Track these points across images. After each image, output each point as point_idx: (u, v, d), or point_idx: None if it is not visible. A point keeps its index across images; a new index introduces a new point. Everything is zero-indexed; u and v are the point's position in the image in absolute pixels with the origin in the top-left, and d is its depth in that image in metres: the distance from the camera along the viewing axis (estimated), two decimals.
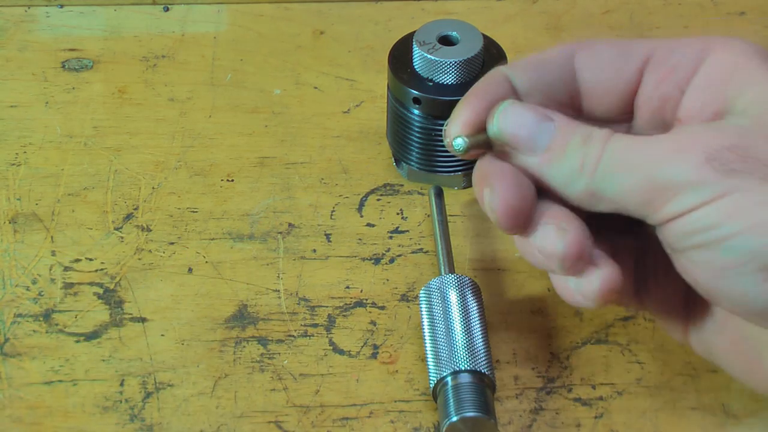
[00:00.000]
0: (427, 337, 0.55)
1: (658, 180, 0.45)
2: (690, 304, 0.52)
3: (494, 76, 0.52)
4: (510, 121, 0.49)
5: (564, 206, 0.49)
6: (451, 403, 0.52)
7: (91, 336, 0.58)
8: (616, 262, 0.49)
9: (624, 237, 0.53)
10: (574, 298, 0.49)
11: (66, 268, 0.61)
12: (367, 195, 0.66)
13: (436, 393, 0.54)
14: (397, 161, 0.66)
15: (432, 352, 0.55)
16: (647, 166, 0.46)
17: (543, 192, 0.50)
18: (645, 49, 0.51)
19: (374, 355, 0.57)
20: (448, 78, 0.62)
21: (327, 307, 0.59)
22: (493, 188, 0.49)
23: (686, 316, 0.52)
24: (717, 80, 0.49)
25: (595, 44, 0.52)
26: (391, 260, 0.62)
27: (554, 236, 0.48)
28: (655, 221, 0.47)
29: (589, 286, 0.48)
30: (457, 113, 0.51)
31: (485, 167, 0.50)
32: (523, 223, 0.49)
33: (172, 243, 0.63)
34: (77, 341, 0.58)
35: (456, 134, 0.50)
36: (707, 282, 0.46)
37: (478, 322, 0.55)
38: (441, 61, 0.61)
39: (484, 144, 0.50)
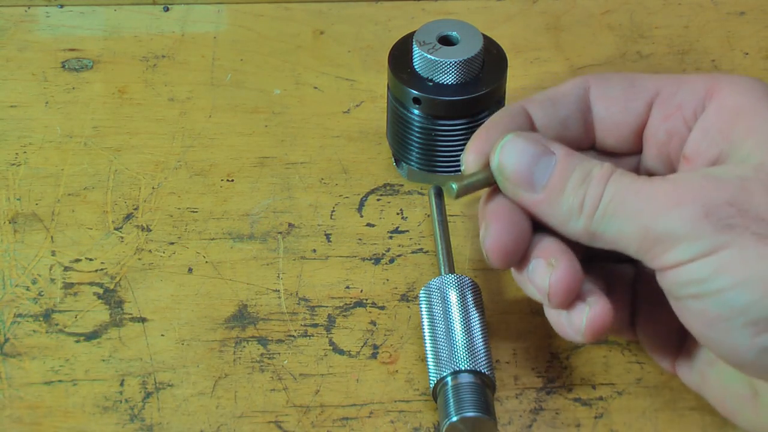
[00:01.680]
0: (427, 337, 0.55)
1: (656, 231, 0.46)
2: (682, 338, 0.53)
3: (512, 108, 0.53)
4: (510, 156, 0.50)
5: (559, 239, 0.50)
6: (451, 403, 0.52)
7: (91, 336, 0.58)
8: (608, 298, 0.50)
9: (621, 266, 0.55)
10: (565, 332, 0.50)
11: (66, 268, 0.61)
12: (367, 195, 0.66)
13: (436, 393, 0.54)
14: (397, 161, 0.66)
15: (432, 352, 0.55)
16: (646, 214, 0.47)
17: (541, 224, 0.51)
18: (653, 84, 0.52)
19: (374, 355, 0.57)
20: (448, 78, 0.62)
21: (327, 307, 0.59)
22: (487, 227, 0.51)
23: (677, 349, 0.53)
24: (721, 122, 0.49)
25: (608, 78, 0.53)
26: (391, 260, 0.62)
27: (543, 271, 0.50)
28: (652, 267, 0.48)
29: (578, 321, 0.49)
30: (471, 142, 0.52)
31: (485, 202, 0.52)
32: (514, 260, 0.51)
33: (172, 243, 0.63)
34: (77, 341, 0.58)
35: (454, 181, 0.51)
36: (700, 330, 0.47)
37: (478, 322, 0.55)
38: (441, 61, 0.61)
39: (482, 183, 0.51)
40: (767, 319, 0.45)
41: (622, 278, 0.54)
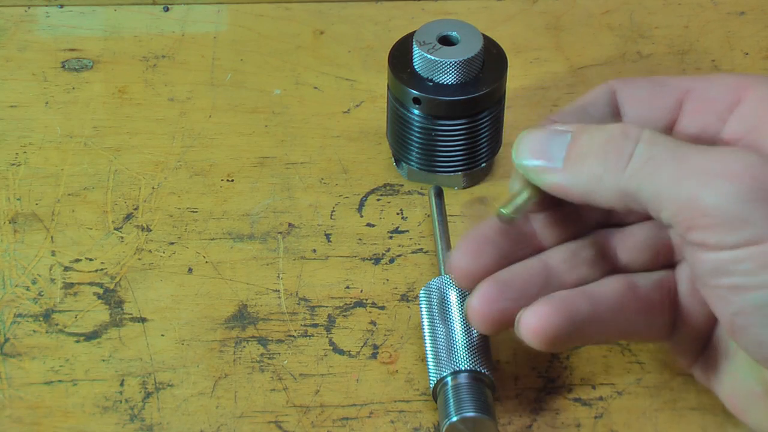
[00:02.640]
0: (427, 337, 0.55)
1: (703, 201, 0.43)
2: (708, 339, 0.52)
3: (544, 125, 0.52)
4: (525, 142, 0.49)
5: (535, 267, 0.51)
6: (451, 403, 0.52)
7: (91, 336, 0.58)
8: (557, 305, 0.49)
9: (662, 272, 0.52)
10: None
11: (66, 268, 0.61)
12: (367, 195, 0.66)
13: (436, 393, 0.54)
14: (397, 161, 0.66)
15: (432, 352, 0.55)
16: (692, 180, 0.44)
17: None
18: (683, 83, 0.52)
19: (374, 355, 0.57)
20: (448, 78, 0.62)
21: (327, 307, 0.59)
22: (457, 246, 0.52)
23: (703, 349, 0.52)
24: (757, 118, 0.48)
25: (634, 81, 0.53)
26: (391, 260, 0.62)
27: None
28: (687, 240, 0.45)
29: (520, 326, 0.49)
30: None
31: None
32: (470, 286, 0.51)
33: (172, 243, 0.63)
34: (77, 341, 0.58)
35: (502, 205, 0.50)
36: (730, 319, 0.45)
37: None
38: (441, 61, 0.61)
39: (527, 199, 0.50)
40: None
41: (662, 285, 0.52)
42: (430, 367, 0.55)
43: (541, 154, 0.48)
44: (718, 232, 0.43)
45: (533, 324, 0.48)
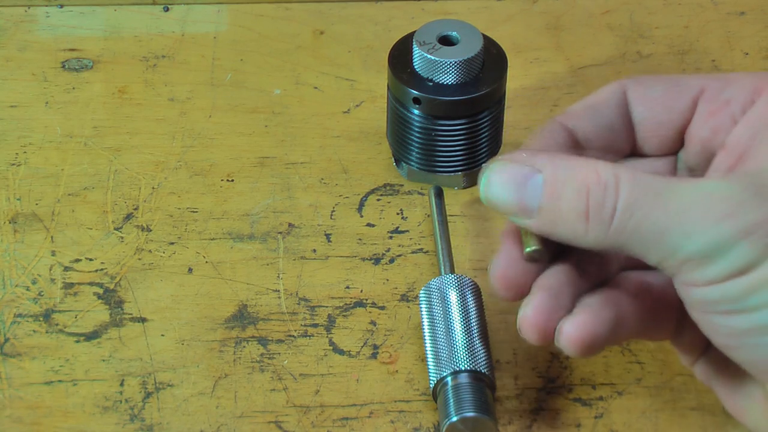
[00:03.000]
0: (427, 337, 0.55)
1: (688, 250, 0.44)
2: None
3: (550, 126, 0.51)
4: (495, 188, 0.48)
5: (567, 268, 0.49)
6: (451, 403, 0.52)
7: (91, 336, 0.58)
8: (598, 313, 0.48)
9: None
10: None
11: (66, 268, 0.61)
12: (367, 195, 0.66)
13: (436, 393, 0.54)
14: (397, 161, 0.66)
15: (432, 352, 0.55)
16: (676, 232, 0.44)
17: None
18: (697, 82, 0.51)
19: (374, 355, 0.57)
20: (448, 78, 0.62)
21: (327, 307, 0.59)
22: (498, 255, 0.49)
23: (706, 348, 0.52)
24: (763, 122, 0.48)
25: (646, 80, 0.52)
26: (391, 260, 0.62)
27: (525, 303, 0.49)
28: (676, 281, 0.46)
29: (559, 336, 0.48)
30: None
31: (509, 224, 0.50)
32: (519, 293, 0.49)
33: (172, 243, 0.63)
34: (77, 341, 0.58)
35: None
36: (725, 342, 0.46)
37: (478, 322, 0.55)
38: (441, 61, 0.61)
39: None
40: None
41: (671, 283, 0.51)
42: (430, 367, 0.54)
43: (513, 199, 0.47)
44: (703, 272, 0.44)
45: (575, 335, 0.48)
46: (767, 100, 0.49)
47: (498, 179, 0.47)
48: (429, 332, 0.55)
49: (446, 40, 0.63)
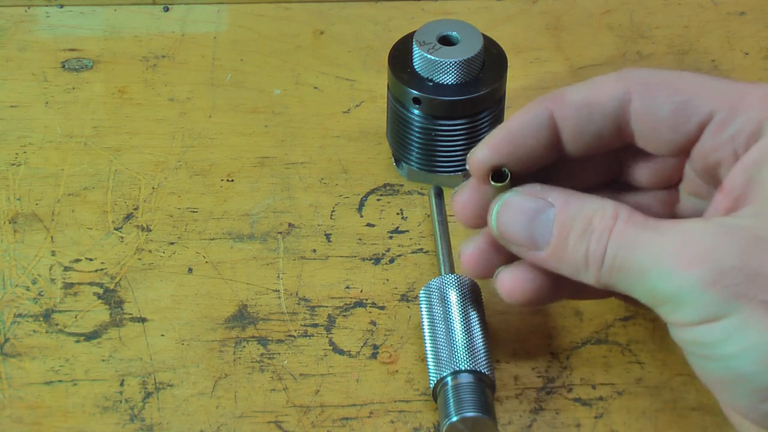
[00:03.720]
0: (427, 337, 0.55)
1: (664, 292, 0.45)
2: None
3: (537, 116, 0.50)
4: (508, 221, 0.49)
5: None
6: (451, 403, 0.52)
7: (91, 336, 0.58)
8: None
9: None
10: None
11: (66, 268, 0.61)
12: (367, 195, 0.66)
13: (436, 393, 0.54)
14: (397, 161, 0.66)
15: (432, 352, 0.55)
16: (653, 274, 0.45)
17: None
18: (708, 104, 0.49)
19: (374, 355, 0.57)
20: (448, 78, 0.62)
21: (327, 307, 0.59)
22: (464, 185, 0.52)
23: None
24: (761, 162, 0.47)
25: (654, 90, 0.49)
26: (391, 260, 0.62)
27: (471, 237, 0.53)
28: (663, 320, 0.47)
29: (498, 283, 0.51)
30: (486, 144, 0.51)
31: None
32: (474, 223, 0.53)
33: (172, 243, 0.63)
34: (77, 341, 0.58)
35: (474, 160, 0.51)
36: (708, 384, 0.47)
37: (478, 322, 0.55)
38: (441, 61, 0.61)
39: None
40: None
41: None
42: (430, 367, 0.54)
43: (523, 234, 0.49)
44: (682, 314, 0.45)
45: (508, 285, 0.51)
46: (763, 145, 0.47)
47: (511, 210, 0.49)
48: (429, 332, 0.55)
49: (446, 40, 0.63)
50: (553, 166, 0.52)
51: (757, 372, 0.44)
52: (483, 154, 0.50)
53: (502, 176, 0.50)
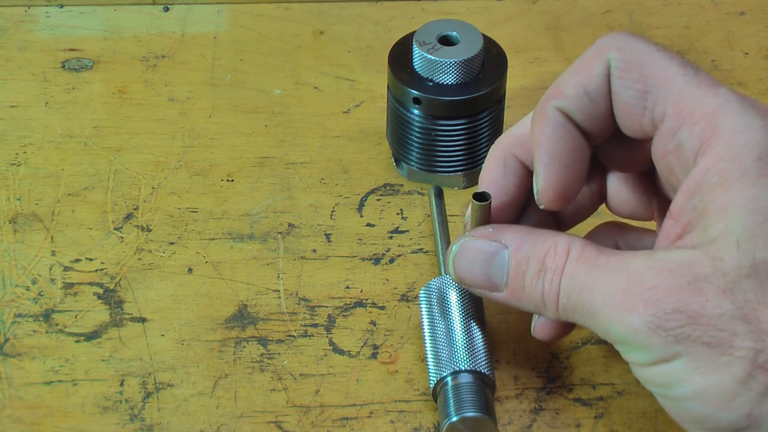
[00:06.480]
0: (427, 337, 0.55)
1: (613, 335, 0.46)
2: None
3: (550, 118, 0.49)
4: (464, 266, 0.50)
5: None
6: (451, 403, 0.52)
7: (91, 336, 0.58)
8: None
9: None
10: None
11: (66, 268, 0.61)
12: (367, 195, 0.66)
13: (436, 393, 0.54)
14: (397, 161, 0.66)
15: (432, 352, 0.55)
16: (602, 317, 0.46)
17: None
18: (662, 105, 0.47)
19: (374, 355, 0.57)
20: (448, 78, 0.62)
21: (327, 307, 0.60)
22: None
23: None
24: (703, 191, 0.45)
25: (623, 69, 0.47)
26: (391, 260, 0.62)
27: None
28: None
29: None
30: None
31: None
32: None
33: (172, 243, 0.63)
34: (77, 341, 0.58)
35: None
36: (672, 417, 0.47)
37: (478, 321, 0.55)
38: (441, 61, 0.61)
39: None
40: (726, 428, 0.44)
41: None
42: (430, 367, 0.54)
43: (481, 277, 0.50)
44: (634, 355, 0.46)
45: (545, 334, 0.53)
46: (704, 169, 0.45)
47: (466, 257, 0.50)
48: (429, 332, 0.55)
49: (446, 40, 0.63)
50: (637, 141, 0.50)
51: (709, 414, 0.44)
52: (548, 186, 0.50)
53: (483, 198, 0.51)
